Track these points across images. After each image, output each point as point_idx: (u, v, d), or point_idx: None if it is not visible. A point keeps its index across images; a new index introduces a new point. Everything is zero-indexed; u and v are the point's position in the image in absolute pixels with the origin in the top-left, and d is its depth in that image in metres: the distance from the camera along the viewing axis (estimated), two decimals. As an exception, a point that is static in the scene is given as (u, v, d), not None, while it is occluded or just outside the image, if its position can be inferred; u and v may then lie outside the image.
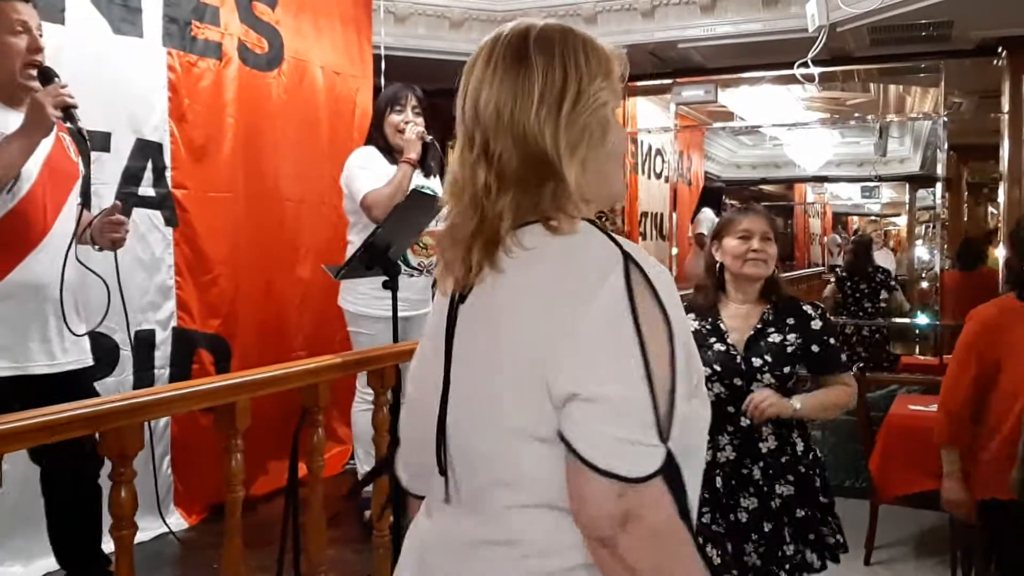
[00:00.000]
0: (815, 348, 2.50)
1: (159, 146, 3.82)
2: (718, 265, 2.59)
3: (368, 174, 3.69)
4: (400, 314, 3.69)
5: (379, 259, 3.08)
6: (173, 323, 3.88)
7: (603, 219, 3.81)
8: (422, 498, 1.25)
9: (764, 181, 11.65)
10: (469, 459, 1.12)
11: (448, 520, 1.16)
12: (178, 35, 3.89)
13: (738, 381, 2.43)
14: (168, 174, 3.85)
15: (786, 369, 2.46)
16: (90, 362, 2.80)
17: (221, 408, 2.06)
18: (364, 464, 3.87)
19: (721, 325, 2.51)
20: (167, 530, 3.71)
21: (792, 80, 5.68)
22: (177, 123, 3.88)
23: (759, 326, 2.52)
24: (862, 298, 7.30)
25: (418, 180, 3.79)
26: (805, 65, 5.11)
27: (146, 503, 3.38)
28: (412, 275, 3.82)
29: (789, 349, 2.48)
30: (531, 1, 5.91)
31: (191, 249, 3.95)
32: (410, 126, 3.74)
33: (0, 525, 3.16)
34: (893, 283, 7.31)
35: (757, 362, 2.45)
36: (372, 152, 3.81)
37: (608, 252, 1.05)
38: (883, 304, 7.27)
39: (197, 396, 2.02)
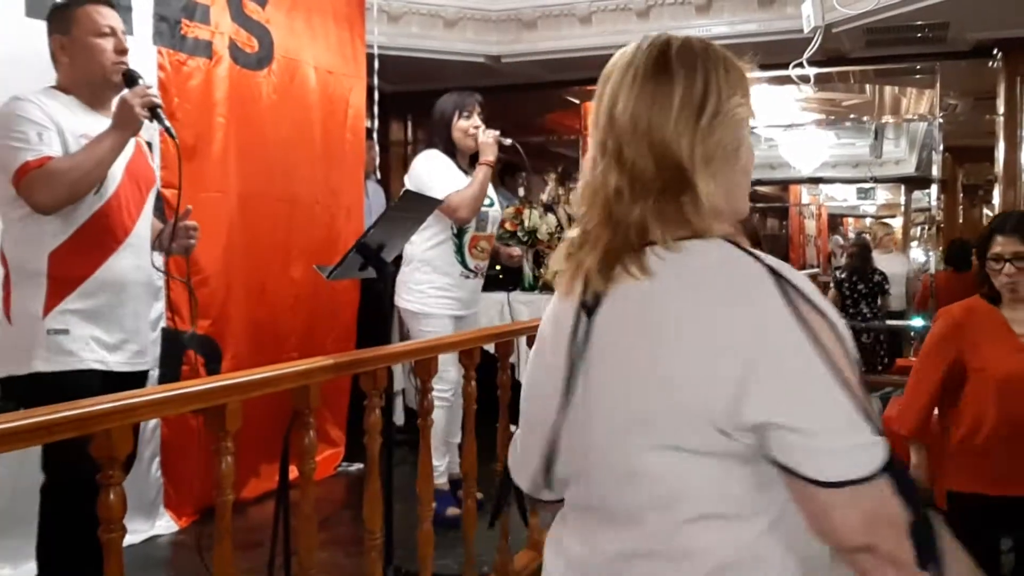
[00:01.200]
0: None
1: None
2: None
3: (440, 176, 3.86)
4: (454, 312, 3.99)
5: (371, 259, 3.07)
6: (162, 323, 3.84)
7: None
8: (548, 502, 1.27)
9: (759, 182, 11.65)
10: (616, 473, 1.11)
11: (596, 534, 1.15)
12: (168, 34, 3.86)
13: None
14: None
15: None
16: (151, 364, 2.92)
17: (211, 410, 2.03)
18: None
19: None
20: (156, 533, 3.69)
21: (787, 81, 5.67)
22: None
23: None
24: (860, 300, 7.32)
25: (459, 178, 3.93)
26: (801, 66, 5.10)
27: (135, 505, 3.37)
28: (468, 276, 4.01)
29: None
30: (525, 1, 5.90)
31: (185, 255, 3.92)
32: (482, 129, 3.94)
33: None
34: (888, 286, 7.33)
35: None
36: (440, 155, 3.96)
37: (757, 270, 1.05)
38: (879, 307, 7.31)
39: (187, 398, 1.99)
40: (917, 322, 7.54)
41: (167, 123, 2.68)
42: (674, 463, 1.06)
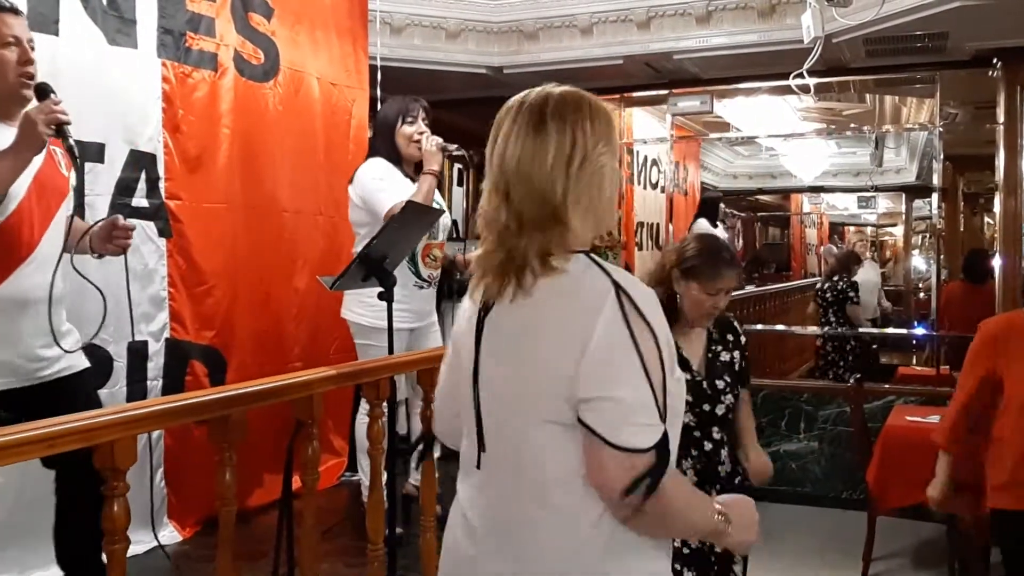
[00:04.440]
0: (744, 362, 2.57)
1: (153, 157, 3.81)
2: (678, 297, 2.48)
3: (387, 186, 3.69)
4: (409, 325, 3.78)
5: (375, 270, 3.08)
6: (166, 334, 3.86)
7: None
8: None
9: (760, 191, 11.67)
10: (504, 436, 1.41)
11: (486, 484, 1.45)
12: (173, 46, 3.89)
13: (706, 407, 2.48)
14: (162, 185, 3.84)
15: (738, 387, 2.53)
16: (84, 365, 2.77)
17: (215, 421, 2.04)
18: (366, 476, 3.86)
19: (683, 352, 2.45)
20: (160, 543, 3.69)
21: (788, 91, 5.68)
22: (171, 134, 3.87)
23: (711, 347, 2.54)
24: (827, 309, 7.35)
25: (406, 186, 3.74)
26: (801, 76, 5.10)
27: (139, 516, 3.37)
28: (422, 287, 3.84)
29: (736, 367, 2.54)
30: (526, 13, 5.92)
31: (185, 260, 3.94)
32: (426, 137, 3.77)
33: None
34: (853, 296, 7.30)
35: (720, 384, 2.50)
36: (385, 164, 3.80)
37: (603, 284, 1.34)
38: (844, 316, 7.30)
39: (191, 409, 2.00)
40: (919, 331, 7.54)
41: (71, 141, 2.53)
42: (550, 433, 1.34)
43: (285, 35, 4.55)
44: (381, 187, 3.68)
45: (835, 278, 7.40)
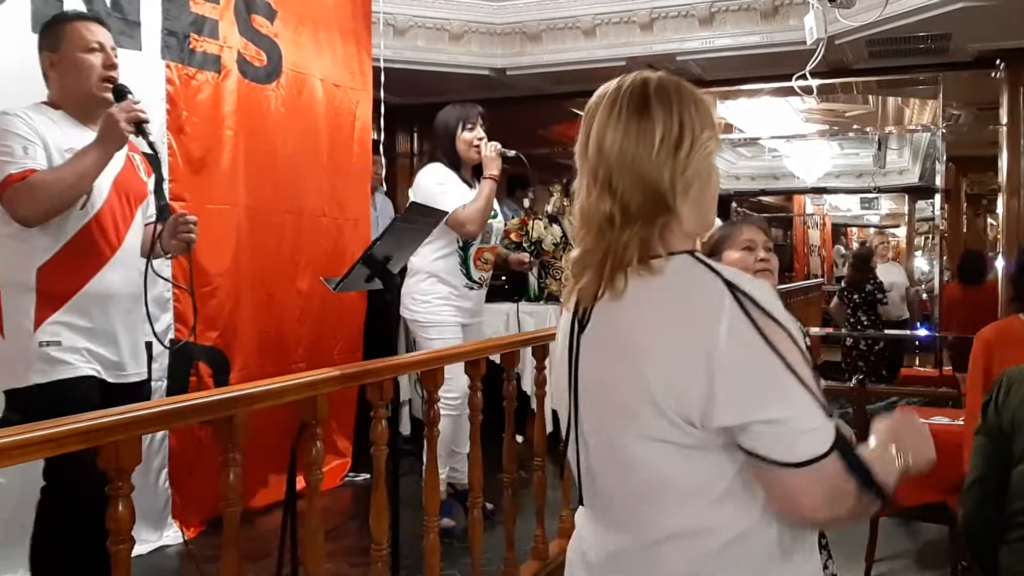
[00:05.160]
0: None
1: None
2: None
3: (450, 189, 3.88)
4: (463, 320, 4.02)
5: (378, 271, 3.09)
6: (170, 335, 3.87)
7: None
8: None
9: (763, 192, 11.67)
10: (611, 457, 1.29)
11: (599, 512, 1.35)
12: (177, 48, 3.90)
13: None
14: (166, 186, 3.85)
15: None
16: (147, 374, 2.90)
17: (219, 421, 2.05)
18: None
19: None
20: (164, 543, 3.70)
21: (791, 92, 5.70)
22: (175, 135, 3.88)
23: None
24: (857, 310, 7.33)
25: (465, 192, 3.95)
26: (803, 77, 5.11)
27: (143, 516, 3.38)
28: (472, 288, 4.04)
29: None
30: (529, 15, 5.94)
31: (188, 261, 3.93)
32: (485, 143, 3.96)
33: (-1, 535, 3.15)
34: (882, 296, 7.33)
35: None
36: (444, 169, 3.97)
37: (715, 284, 1.20)
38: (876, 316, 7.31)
39: (195, 409, 2.00)
40: (921, 332, 7.54)
41: (151, 138, 2.69)
42: (662, 453, 1.22)
43: (288, 37, 4.56)
44: (444, 191, 3.85)
45: (862, 280, 7.38)
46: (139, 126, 2.61)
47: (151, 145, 2.72)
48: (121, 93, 2.67)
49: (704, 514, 1.22)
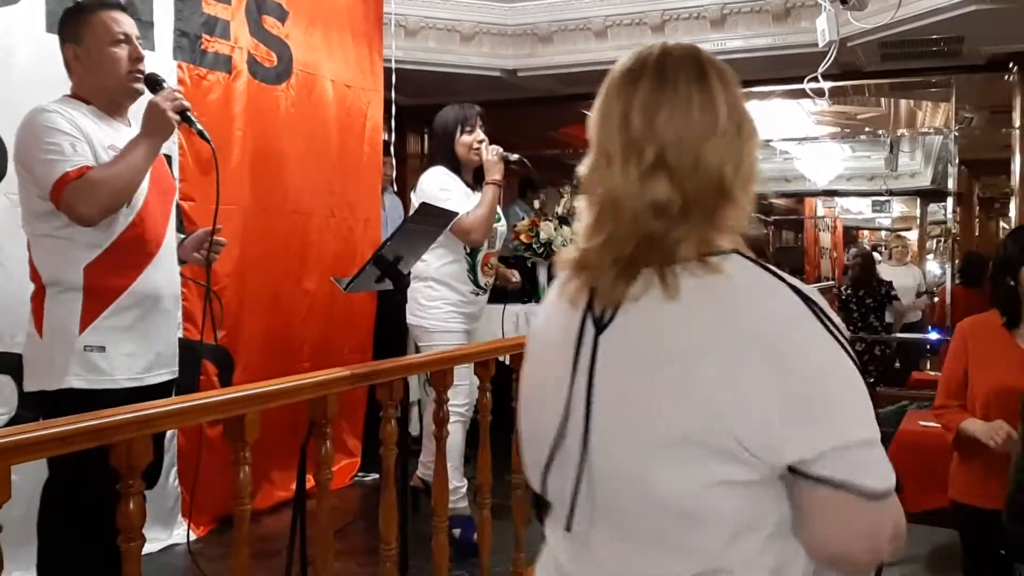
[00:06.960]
0: None
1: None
2: None
3: (453, 195, 3.79)
4: (466, 327, 3.98)
5: (388, 271, 3.09)
6: (179, 334, 3.87)
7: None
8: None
9: (775, 195, 11.65)
10: (639, 494, 1.05)
11: (598, 538, 1.11)
12: (188, 48, 3.91)
13: None
14: (177, 186, 3.85)
15: None
16: (177, 372, 2.89)
17: (230, 421, 2.05)
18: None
19: None
20: (174, 542, 3.72)
21: (802, 94, 5.68)
22: (186, 136, 3.89)
23: None
24: (868, 313, 7.29)
25: (469, 196, 3.89)
26: (816, 80, 5.10)
27: (153, 514, 3.38)
28: (478, 294, 3.98)
29: None
30: (540, 16, 5.94)
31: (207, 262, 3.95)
32: (485, 146, 3.87)
33: (11, 534, 3.15)
34: (895, 295, 7.30)
35: None
36: (446, 173, 3.88)
37: (782, 290, 1.04)
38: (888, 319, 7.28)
39: (206, 408, 2.01)
40: (933, 335, 7.51)
41: (199, 125, 2.64)
42: (705, 486, 1.01)
43: (299, 37, 4.57)
44: (448, 197, 3.76)
45: (868, 279, 7.35)
46: (183, 114, 2.57)
47: (201, 132, 2.66)
48: (157, 83, 2.63)
49: (754, 555, 1.04)
